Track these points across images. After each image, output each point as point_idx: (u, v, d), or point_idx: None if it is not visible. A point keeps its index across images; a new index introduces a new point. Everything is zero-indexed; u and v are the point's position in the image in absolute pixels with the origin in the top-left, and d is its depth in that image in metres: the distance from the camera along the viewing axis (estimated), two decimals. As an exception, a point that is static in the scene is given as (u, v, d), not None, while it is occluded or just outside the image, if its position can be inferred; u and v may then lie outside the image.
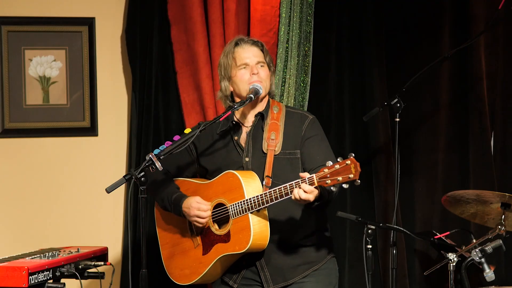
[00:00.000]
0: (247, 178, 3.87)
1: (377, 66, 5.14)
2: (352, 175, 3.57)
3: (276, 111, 4.01)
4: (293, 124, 4.00)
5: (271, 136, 3.94)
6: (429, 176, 5.19)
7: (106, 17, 5.19)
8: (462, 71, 5.16)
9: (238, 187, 3.85)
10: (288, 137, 3.97)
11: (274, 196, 3.75)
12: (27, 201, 5.13)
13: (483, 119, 5.10)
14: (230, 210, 3.87)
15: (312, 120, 4.02)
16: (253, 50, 3.98)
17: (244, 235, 3.82)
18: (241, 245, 3.83)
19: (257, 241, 3.83)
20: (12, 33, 5.10)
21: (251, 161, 3.96)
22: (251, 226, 3.81)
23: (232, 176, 3.89)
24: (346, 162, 3.58)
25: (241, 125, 4.03)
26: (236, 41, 4.02)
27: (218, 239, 3.93)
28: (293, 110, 4.08)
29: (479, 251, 3.88)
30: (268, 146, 3.93)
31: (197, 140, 4.03)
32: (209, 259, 3.96)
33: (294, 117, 4.02)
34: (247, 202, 3.81)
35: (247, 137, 3.99)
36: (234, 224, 3.87)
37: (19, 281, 3.55)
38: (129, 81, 5.19)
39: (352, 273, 5.09)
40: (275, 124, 3.97)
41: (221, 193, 3.92)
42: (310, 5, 4.94)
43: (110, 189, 3.63)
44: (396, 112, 4.64)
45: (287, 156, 3.95)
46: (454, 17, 5.16)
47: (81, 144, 5.20)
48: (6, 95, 5.10)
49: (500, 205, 4.10)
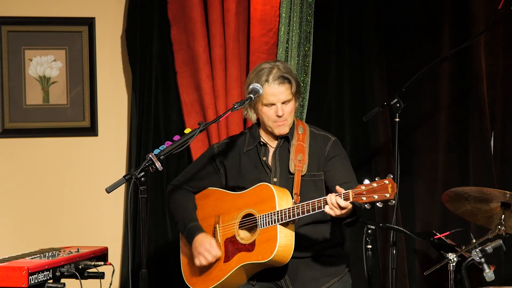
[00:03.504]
0: (280, 192, 3.89)
1: (377, 66, 5.15)
2: (389, 195, 3.60)
3: (301, 131, 4.04)
4: (317, 146, 4.02)
5: (297, 157, 3.97)
6: (429, 176, 5.19)
7: (106, 17, 5.19)
8: (462, 71, 5.16)
9: (270, 199, 3.87)
10: (313, 159, 4.00)
11: (306, 209, 3.77)
12: (27, 201, 5.13)
13: (483, 119, 5.10)
14: (259, 221, 3.89)
15: (335, 142, 4.05)
16: (280, 89, 3.92)
17: (270, 245, 3.83)
18: (264, 254, 3.84)
19: (281, 252, 3.84)
20: (12, 33, 5.10)
21: (279, 181, 3.98)
22: (277, 237, 3.82)
23: (265, 188, 3.91)
24: (384, 182, 3.62)
25: (268, 146, 4.05)
26: (266, 77, 3.92)
27: (242, 248, 3.94)
28: (317, 132, 4.09)
29: (479, 251, 3.88)
30: (295, 167, 3.96)
31: (223, 157, 4.06)
32: (230, 266, 3.96)
33: (318, 138, 4.05)
34: (278, 213, 3.83)
35: (273, 158, 4.02)
36: (261, 234, 3.88)
37: (19, 281, 3.55)
38: (129, 81, 5.19)
39: (352, 273, 5.08)
40: (301, 146, 4.00)
41: (252, 204, 3.94)
42: (310, 5, 4.94)
43: (110, 189, 3.62)
44: (396, 112, 4.64)
45: (312, 178, 3.98)
46: (454, 17, 5.17)
47: (81, 144, 5.20)
48: (6, 95, 5.10)
49: (500, 204, 4.10)
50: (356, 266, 5.04)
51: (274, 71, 3.93)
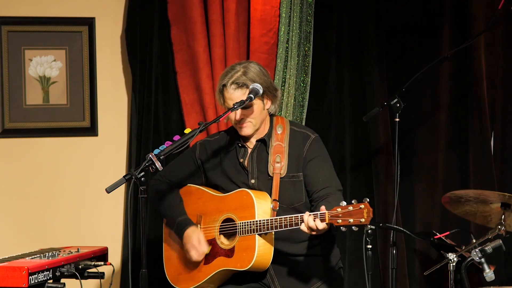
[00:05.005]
0: (260, 199, 3.91)
1: (377, 66, 5.14)
2: (364, 220, 3.62)
3: (280, 131, 4.02)
4: (296, 145, 4.01)
5: (276, 159, 3.96)
6: (429, 176, 5.19)
7: (106, 17, 5.19)
8: (462, 71, 5.16)
9: (250, 207, 3.89)
10: (292, 159, 3.99)
11: (283, 224, 3.78)
12: (27, 201, 5.13)
13: (483, 119, 5.10)
14: (238, 228, 3.90)
15: (315, 140, 4.03)
16: (236, 94, 3.91)
17: (248, 254, 3.86)
18: (243, 263, 3.88)
19: (259, 262, 3.88)
20: (12, 33, 5.10)
21: (257, 183, 3.99)
22: (256, 247, 3.85)
23: (246, 194, 3.92)
24: (360, 206, 3.63)
25: (246, 147, 4.05)
26: (224, 81, 3.92)
27: (221, 252, 3.97)
28: (297, 129, 4.07)
29: (479, 251, 3.88)
30: (274, 170, 3.95)
31: (205, 155, 4.06)
32: (209, 270, 4.00)
33: (298, 137, 4.03)
34: (257, 223, 3.84)
35: (250, 159, 4.02)
36: (240, 241, 3.91)
37: (19, 281, 3.55)
38: (129, 81, 5.19)
39: (352, 273, 5.09)
40: (280, 147, 3.99)
41: (233, 209, 3.96)
42: (310, 5, 4.94)
43: (110, 189, 3.63)
44: (396, 112, 4.64)
45: (291, 179, 3.98)
46: (454, 17, 5.16)
47: (81, 144, 5.20)
48: (6, 95, 5.10)
49: (500, 205, 4.10)
50: (356, 266, 5.05)
51: (230, 75, 3.92)
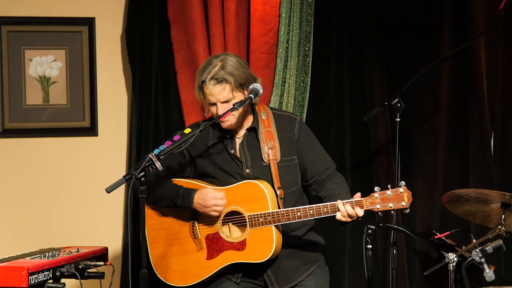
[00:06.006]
0: (268, 190, 3.88)
1: (377, 66, 5.14)
2: (405, 203, 3.65)
3: (264, 117, 4.01)
4: (284, 129, 4.01)
5: (268, 145, 3.95)
6: (429, 176, 5.19)
7: (106, 17, 5.19)
8: (462, 71, 5.16)
9: (261, 199, 3.86)
10: (283, 143, 3.99)
11: (309, 213, 3.78)
12: (27, 201, 5.13)
13: (483, 119, 5.10)
14: (249, 220, 3.88)
15: (301, 122, 4.06)
16: (216, 90, 3.87)
17: (265, 246, 3.85)
18: (258, 255, 3.86)
19: (275, 253, 3.88)
20: (12, 33, 5.10)
21: (252, 172, 3.97)
22: (274, 239, 3.84)
23: (254, 186, 3.89)
24: (399, 190, 3.64)
25: (234, 138, 4.02)
26: (203, 77, 3.88)
27: (229, 246, 3.93)
28: (279, 113, 4.08)
29: (479, 251, 3.88)
30: (269, 157, 3.94)
31: (191, 147, 4.00)
32: (216, 264, 3.96)
33: (283, 119, 4.03)
34: (273, 214, 3.83)
35: (241, 149, 3.99)
36: (252, 234, 3.88)
37: (19, 281, 3.55)
38: (129, 81, 5.19)
39: (352, 273, 5.10)
40: (269, 132, 3.98)
41: (239, 201, 3.92)
42: (310, 5, 4.94)
43: (110, 189, 3.63)
44: (397, 112, 4.65)
45: (286, 163, 3.98)
46: (454, 17, 5.17)
47: (81, 144, 5.20)
48: (6, 95, 5.10)
49: (500, 205, 4.10)
50: (356, 266, 5.05)
51: (208, 70, 3.87)
